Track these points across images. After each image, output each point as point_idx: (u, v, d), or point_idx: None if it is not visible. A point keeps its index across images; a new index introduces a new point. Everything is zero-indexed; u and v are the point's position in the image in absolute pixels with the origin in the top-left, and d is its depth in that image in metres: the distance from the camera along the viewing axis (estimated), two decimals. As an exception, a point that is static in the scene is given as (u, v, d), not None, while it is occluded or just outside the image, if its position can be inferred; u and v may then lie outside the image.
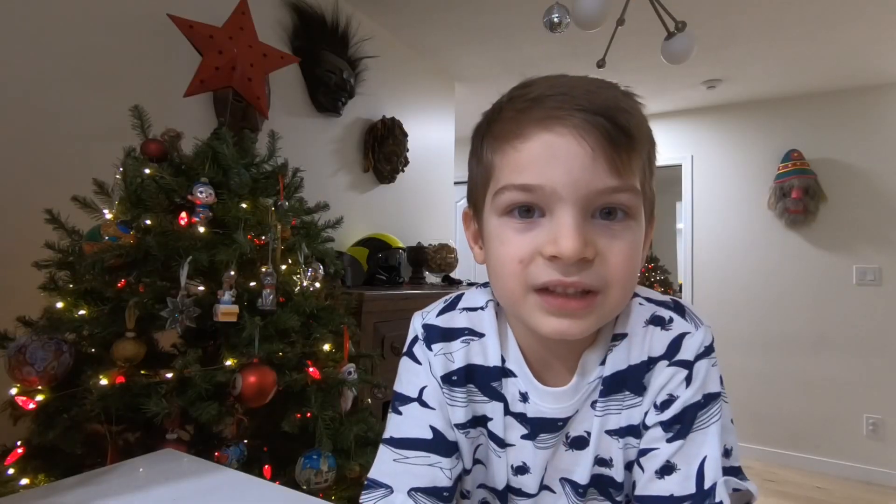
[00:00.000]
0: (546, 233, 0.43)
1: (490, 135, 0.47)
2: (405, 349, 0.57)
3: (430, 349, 0.54)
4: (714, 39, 2.50)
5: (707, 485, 0.45)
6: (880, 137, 3.05)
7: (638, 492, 0.48)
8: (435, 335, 0.55)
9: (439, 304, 0.58)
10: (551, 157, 0.42)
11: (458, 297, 0.58)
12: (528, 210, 0.44)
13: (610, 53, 1.77)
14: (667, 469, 0.46)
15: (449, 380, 0.54)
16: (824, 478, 3.02)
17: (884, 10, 2.19)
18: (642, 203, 0.45)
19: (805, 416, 3.18)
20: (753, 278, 3.38)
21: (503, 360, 0.53)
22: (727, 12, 2.24)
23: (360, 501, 0.51)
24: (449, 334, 0.55)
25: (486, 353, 0.54)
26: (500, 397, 0.53)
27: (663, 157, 3.70)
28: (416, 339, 0.56)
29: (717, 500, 0.44)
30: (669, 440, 0.47)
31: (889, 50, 2.58)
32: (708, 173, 3.59)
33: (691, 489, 0.45)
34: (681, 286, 3.87)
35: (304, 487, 1.01)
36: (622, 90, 0.45)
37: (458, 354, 0.54)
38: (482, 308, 0.55)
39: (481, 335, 0.54)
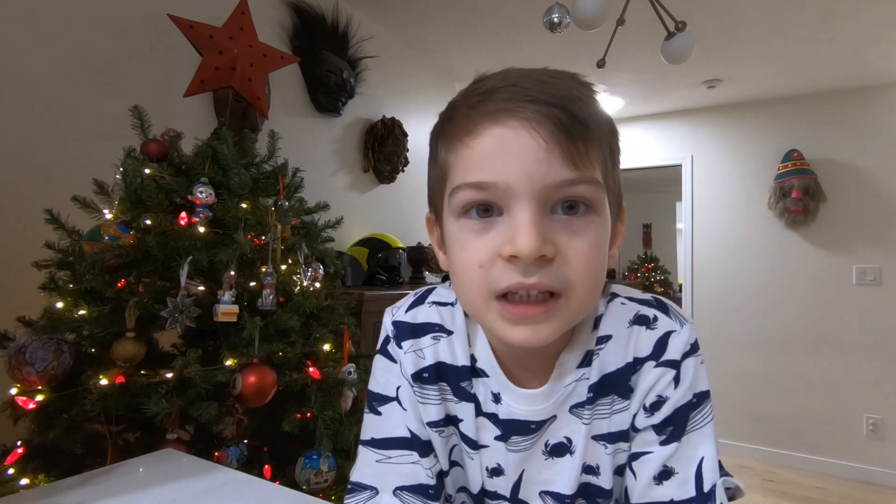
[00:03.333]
0: (504, 232, 0.41)
1: (443, 134, 0.46)
2: (378, 347, 0.55)
3: (401, 347, 0.53)
4: (714, 39, 2.50)
5: (707, 487, 0.44)
6: (880, 137, 3.05)
7: (635, 500, 0.46)
8: (404, 332, 0.53)
9: (409, 299, 0.56)
10: (504, 152, 0.40)
11: (429, 291, 0.56)
12: (487, 209, 0.42)
13: (610, 53, 1.77)
14: (664, 474, 0.45)
15: (420, 377, 0.52)
16: (824, 478, 3.01)
17: (884, 9, 2.19)
18: (605, 196, 0.43)
19: (805, 416, 3.18)
20: (753, 278, 3.38)
21: (473, 360, 0.51)
22: (727, 12, 2.24)
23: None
24: (418, 330, 0.53)
25: (455, 353, 0.52)
26: (470, 398, 0.51)
27: (663, 157, 3.71)
28: (387, 339, 0.54)
29: (717, 502, 0.43)
30: (663, 443, 0.45)
31: (889, 50, 2.58)
32: (708, 173, 3.59)
33: (691, 493, 0.44)
34: (681, 286, 3.87)
35: (304, 487, 1.01)
36: (579, 80, 0.43)
37: (429, 351, 0.52)
38: (452, 304, 0.54)
39: (450, 332, 0.52)
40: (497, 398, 0.50)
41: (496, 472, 0.52)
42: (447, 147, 0.45)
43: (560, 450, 0.49)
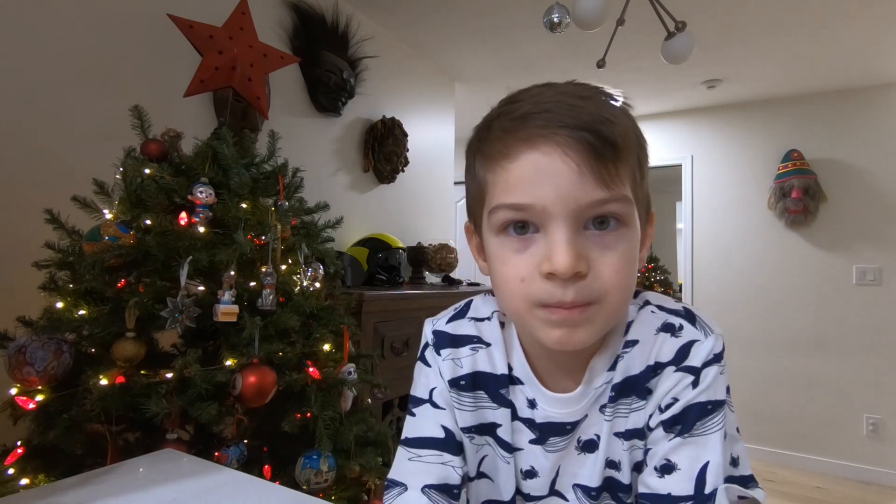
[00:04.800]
0: (541, 249, 0.45)
1: (480, 153, 0.49)
2: (419, 354, 0.60)
3: (439, 354, 0.57)
4: (714, 39, 2.50)
5: (708, 489, 0.45)
6: (880, 137, 3.05)
7: (640, 488, 0.49)
8: (444, 341, 0.58)
9: (450, 312, 0.60)
10: (539, 176, 0.43)
11: (468, 306, 0.60)
12: (524, 226, 0.46)
13: (610, 53, 1.77)
14: (667, 468, 0.47)
15: (457, 384, 0.56)
16: (824, 478, 3.02)
17: (884, 10, 2.19)
18: (635, 208, 0.46)
19: (805, 416, 3.18)
20: (753, 278, 3.38)
21: (510, 369, 0.55)
22: (727, 12, 2.24)
23: (383, 502, 0.54)
24: (457, 341, 0.57)
25: (494, 362, 0.56)
26: (508, 404, 0.55)
27: (663, 157, 3.71)
28: (426, 345, 0.59)
29: None
30: (670, 439, 0.48)
31: (889, 50, 2.58)
32: (708, 173, 3.59)
33: (690, 491, 0.45)
34: (681, 286, 3.87)
35: (304, 487, 1.01)
36: (607, 95, 0.46)
37: (466, 361, 0.56)
38: (488, 319, 0.58)
39: (488, 344, 0.57)
40: (532, 404, 0.54)
41: (530, 474, 0.56)
42: (485, 166, 0.48)
43: (590, 446, 0.54)
